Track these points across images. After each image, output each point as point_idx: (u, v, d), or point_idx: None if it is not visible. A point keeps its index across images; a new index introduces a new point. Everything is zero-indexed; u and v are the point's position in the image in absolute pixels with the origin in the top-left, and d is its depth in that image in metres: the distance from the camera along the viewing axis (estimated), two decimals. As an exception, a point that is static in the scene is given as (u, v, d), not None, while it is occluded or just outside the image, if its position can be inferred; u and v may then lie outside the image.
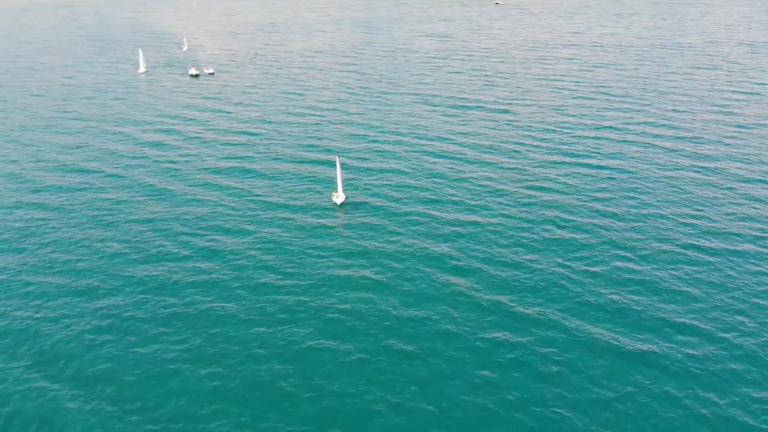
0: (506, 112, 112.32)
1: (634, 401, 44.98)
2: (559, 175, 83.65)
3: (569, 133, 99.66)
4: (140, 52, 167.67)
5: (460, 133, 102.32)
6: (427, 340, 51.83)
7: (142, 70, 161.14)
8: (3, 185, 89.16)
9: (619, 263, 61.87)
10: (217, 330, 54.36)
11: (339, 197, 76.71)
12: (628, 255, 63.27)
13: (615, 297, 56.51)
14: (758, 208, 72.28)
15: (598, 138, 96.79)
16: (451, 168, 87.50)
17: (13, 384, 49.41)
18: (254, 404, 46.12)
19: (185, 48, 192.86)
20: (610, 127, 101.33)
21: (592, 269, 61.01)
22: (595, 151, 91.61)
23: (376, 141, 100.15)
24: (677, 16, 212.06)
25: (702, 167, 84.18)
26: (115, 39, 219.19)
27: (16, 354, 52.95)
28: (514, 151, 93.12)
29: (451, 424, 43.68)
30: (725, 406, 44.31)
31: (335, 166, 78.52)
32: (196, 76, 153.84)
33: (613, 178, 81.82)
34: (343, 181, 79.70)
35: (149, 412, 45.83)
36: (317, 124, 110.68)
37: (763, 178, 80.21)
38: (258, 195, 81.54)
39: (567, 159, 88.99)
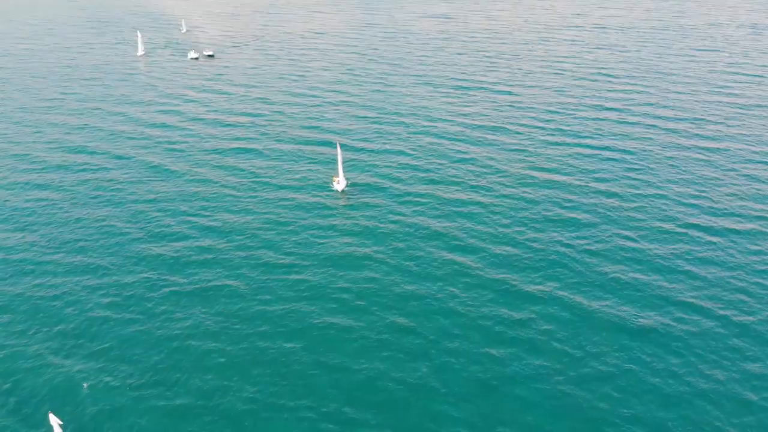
0: (508, 93, 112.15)
1: (636, 377, 45.66)
2: (561, 155, 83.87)
3: (571, 114, 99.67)
4: (138, 35, 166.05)
5: (462, 114, 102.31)
6: (430, 318, 52.46)
7: (140, 52, 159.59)
8: (8, 166, 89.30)
9: (620, 242, 62.34)
10: (222, 307, 54.96)
11: (340, 183, 75.97)
12: (630, 234, 63.72)
13: (617, 275, 57.02)
14: (759, 189, 72.61)
15: (599, 119, 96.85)
16: (453, 149, 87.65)
17: (25, 360, 50.06)
18: (260, 380, 46.78)
19: (184, 30, 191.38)
20: (612, 108, 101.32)
21: (594, 248, 61.48)
22: (597, 132, 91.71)
23: (377, 122, 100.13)
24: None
25: (703, 148, 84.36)
26: (114, 21, 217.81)
27: (26, 332, 53.54)
28: (516, 132, 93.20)
29: (453, 399, 44.36)
30: (726, 382, 45.00)
31: (336, 148, 78.40)
32: (196, 59, 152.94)
33: (614, 159, 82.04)
34: (344, 164, 79.64)
35: (156, 388, 46.50)
36: (318, 105, 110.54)
37: (764, 159, 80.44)
38: (260, 176, 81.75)
39: (569, 140, 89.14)
